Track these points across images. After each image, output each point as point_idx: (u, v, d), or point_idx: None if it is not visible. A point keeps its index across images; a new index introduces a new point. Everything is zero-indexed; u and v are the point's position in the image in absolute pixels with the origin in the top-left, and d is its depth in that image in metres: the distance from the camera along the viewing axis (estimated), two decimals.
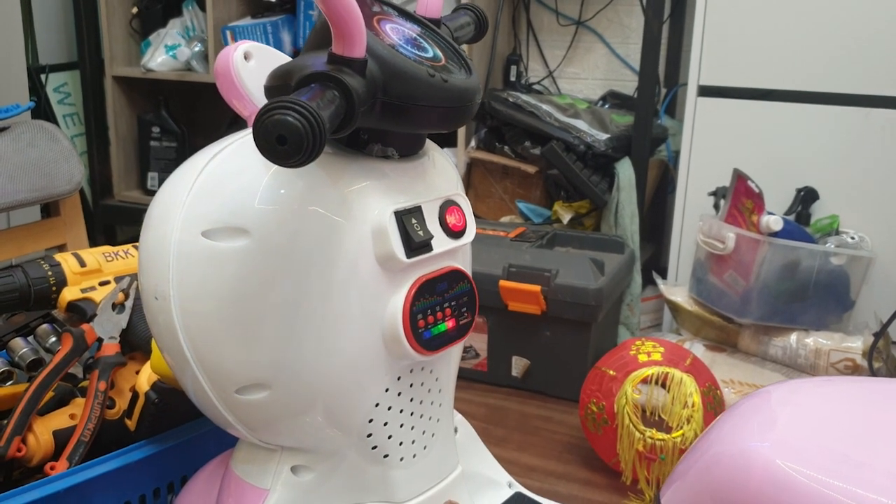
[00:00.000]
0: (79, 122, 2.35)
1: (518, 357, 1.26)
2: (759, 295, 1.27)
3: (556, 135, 1.70)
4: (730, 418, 0.48)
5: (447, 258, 0.59)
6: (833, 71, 1.49)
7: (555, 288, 1.20)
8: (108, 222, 2.37)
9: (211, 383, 0.55)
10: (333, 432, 0.57)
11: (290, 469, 0.59)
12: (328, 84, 0.45)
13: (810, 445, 0.43)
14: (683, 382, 0.93)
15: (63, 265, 0.79)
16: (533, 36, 2.15)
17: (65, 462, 0.70)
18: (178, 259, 0.53)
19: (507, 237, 1.40)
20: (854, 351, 1.21)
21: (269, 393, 0.54)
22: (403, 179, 0.56)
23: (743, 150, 1.55)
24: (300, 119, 0.40)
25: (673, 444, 0.91)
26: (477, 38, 0.68)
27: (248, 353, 0.53)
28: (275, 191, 0.52)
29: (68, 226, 1.41)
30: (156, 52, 2.16)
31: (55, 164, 1.36)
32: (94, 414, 0.72)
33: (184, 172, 0.56)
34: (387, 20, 0.56)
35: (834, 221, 1.46)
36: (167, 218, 0.54)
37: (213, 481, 0.66)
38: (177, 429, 0.73)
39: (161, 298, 0.54)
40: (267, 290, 0.52)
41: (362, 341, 0.55)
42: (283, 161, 0.41)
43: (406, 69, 0.50)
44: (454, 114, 0.53)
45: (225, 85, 0.55)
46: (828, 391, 0.50)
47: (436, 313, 0.57)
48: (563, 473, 1.02)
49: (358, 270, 0.53)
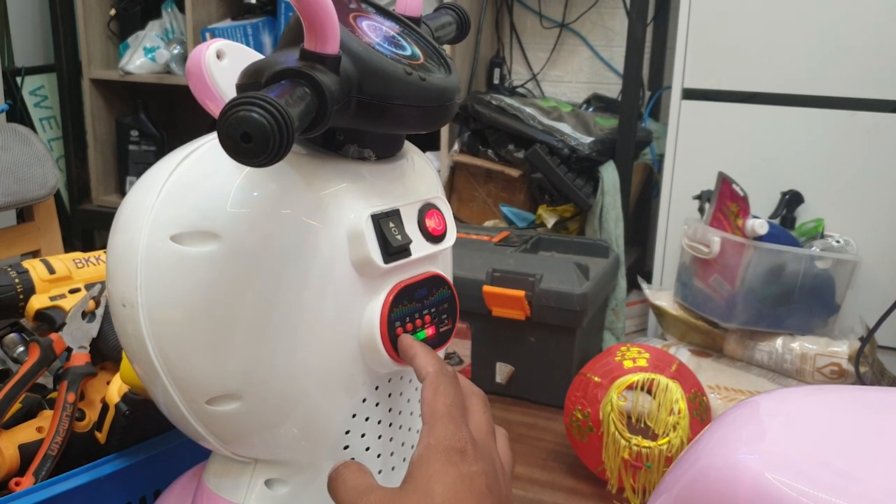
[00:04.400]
0: (56, 126, 2.32)
1: (502, 363, 1.25)
2: (745, 299, 1.26)
3: (539, 138, 1.69)
4: (717, 429, 0.46)
5: (427, 263, 0.57)
6: (818, 74, 1.49)
7: (539, 293, 1.19)
8: (85, 227, 2.34)
9: (181, 394, 0.53)
10: (309, 444, 0.55)
11: (264, 483, 0.57)
12: (299, 81, 0.43)
13: (801, 458, 0.42)
14: (669, 389, 0.92)
15: (31, 272, 0.77)
16: (516, 38, 2.14)
17: (31, 477, 0.67)
18: (147, 265, 0.51)
19: (491, 242, 1.38)
20: (840, 356, 1.21)
21: (242, 403, 0.52)
22: (381, 182, 0.54)
23: (728, 154, 1.54)
24: (266, 116, 0.38)
25: (659, 452, 0.89)
26: (459, 38, 0.66)
27: (218, 362, 0.51)
28: (247, 194, 0.50)
29: (42, 231, 1.39)
30: (134, 54, 2.13)
31: (29, 167, 1.33)
32: (62, 427, 0.70)
33: (153, 175, 0.54)
34: (364, 17, 0.54)
35: (819, 225, 1.46)
36: (135, 222, 0.52)
37: (185, 495, 0.64)
38: (149, 441, 0.71)
39: (129, 305, 0.52)
40: (238, 297, 0.50)
41: (338, 350, 0.53)
42: (247, 160, 0.39)
43: (382, 66, 0.48)
44: (433, 113, 0.51)
45: (197, 85, 0.53)
46: (818, 401, 0.49)
47: (415, 320, 0.55)
48: (548, 482, 1.00)
49: (333, 276, 0.52)
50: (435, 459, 0.46)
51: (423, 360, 0.51)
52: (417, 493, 0.45)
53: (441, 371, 0.50)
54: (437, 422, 0.47)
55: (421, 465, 0.46)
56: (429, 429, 0.48)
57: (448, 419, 0.48)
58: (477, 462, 0.47)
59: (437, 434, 0.47)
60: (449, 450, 0.46)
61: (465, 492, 0.45)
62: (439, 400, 0.48)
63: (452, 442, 0.47)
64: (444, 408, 0.48)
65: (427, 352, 0.52)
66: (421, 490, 0.45)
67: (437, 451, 0.46)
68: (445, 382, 0.49)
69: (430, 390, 0.49)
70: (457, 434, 0.47)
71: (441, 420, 0.48)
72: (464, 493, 0.45)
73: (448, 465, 0.46)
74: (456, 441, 0.47)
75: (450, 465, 0.46)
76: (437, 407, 0.48)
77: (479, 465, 0.47)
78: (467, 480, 0.45)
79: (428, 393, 0.49)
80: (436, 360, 0.51)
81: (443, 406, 0.48)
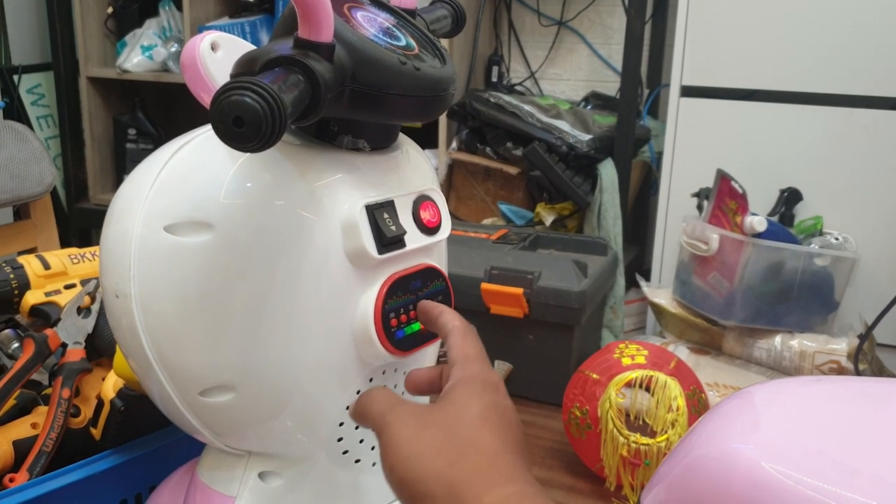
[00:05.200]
0: (53, 124, 2.32)
1: (500, 361, 1.24)
2: (744, 297, 1.26)
3: (538, 135, 1.68)
4: (712, 419, 0.46)
5: (421, 255, 0.56)
6: (816, 71, 1.48)
7: (537, 290, 1.18)
8: (83, 226, 2.33)
9: (174, 385, 0.53)
10: (303, 436, 0.55)
11: (257, 475, 0.56)
12: (292, 68, 0.43)
13: (796, 447, 0.42)
14: (668, 386, 0.91)
15: (26, 268, 0.77)
16: (514, 36, 2.14)
17: (25, 473, 0.67)
18: (140, 255, 0.51)
19: (489, 239, 1.37)
20: (839, 353, 1.20)
21: (235, 395, 0.52)
22: (375, 173, 0.54)
23: (726, 151, 1.54)
24: (258, 100, 0.38)
25: (658, 449, 0.89)
26: (454, 31, 0.66)
27: (212, 353, 0.51)
28: (240, 184, 0.50)
29: (39, 228, 1.38)
30: (131, 52, 2.13)
31: (25, 165, 1.33)
32: (56, 423, 0.69)
33: (147, 166, 0.54)
34: (359, 8, 0.54)
35: (818, 222, 1.45)
36: (129, 212, 0.52)
37: (179, 490, 0.63)
38: (144, 437, 0.71)
39: (122, 297, 0.52)
40: (231, 287, 0.50)
41: (332, 341, 0.53)
42: (239, 145, 0.39)
43: (376, 56, 0.48)
44: (427, 103, 0.51)
45: (192, 77, 0.53)
46: (813, 391, 0.48)
47: (409, 312, 0.55)
48: (547, 479, 1.00)
49: (327, 267, 0.51)
50: (472, 385, 0.48)
51: (449, 315, 0.54)
52: (454, 408, 0.47)
53: (467, 325, 0.53)
54: (471, 360, 0.50)
55: (458, 388, 0.48)
56: (462, 365, 0.50)
57: (480, 360, 0.50)
58: (507, 398, 0.49)
59: (472, 369, 0.49)
60: (484, 382, 0.49)
61: (497, 417, 0.47)
62: (469, 344, 0.51)
63: (486, 376, 0.49)
64: (474, 351, 0.51)
65: (452, 311, 0.54)
66: (458, 406, 0.47)
67: (473, 380, 0.48)
68: (472, 334, 0.52)
69: (459, 337, 0.51)
70: (491, 372, 0.50)
71: (475, 359, 0.50)
72: (496, 417, 0.47)
73: (483, 392, 0.48)
74: (490, 376, 0.49)
75: (485, 392, 0.48)
76: (468, 350, 0.51)
77: (509, 401, 0.49)
78: (500, 409, 0.47)
79: (457, 339, 0.51)
80: (461, 318, 0.54)
81: (473, 349, 0.51)
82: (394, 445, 0.46)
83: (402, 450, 0.45)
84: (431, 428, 0.45)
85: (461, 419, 0.46)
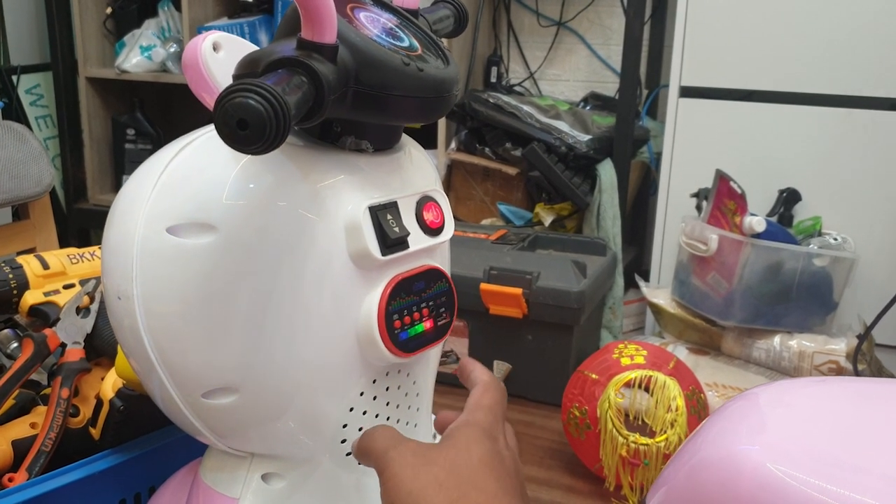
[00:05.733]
0: (52, 124, 2.31)
1: (499, 361, 1.24)
2: (743, 297, 1.26)
3: (537, 136, 1.68)
4: (718, 421, 0.46)
5: (424, 256, 0.56)
6: (815, 72, 1.49)
7: (536, 291, 1.18)
8: (82, 226, 2.33)
9: (177, 387, 0.53)
10: (306, 438, 0.55)
11: (260, 477, 0.56)
12: (296, 69, 0.43)
13: (802, 448, 0.42)
14: (667, 386, 0.92)
15: (25, 268, 0.76)
16: (514, 37, 2.14)
17: (24, 473, 0.67)
18: (142, 256, 0.51)
19: (488, 240, 1.37)
20: (838, 353, 1.20)
21: (238, 397, 0.52)
22: (378, 174, 0.54)
23: (725, 151, 1.54)
24: (263, 103, 0.38)
25: (657, 449, 0.89)
26: (457, 31, 0.66)
27: (214, 354, 0.51)
28: (243, 185, 0.50)
29: (38, 229, 1.38)
30: (130, 52, 2.12)
31: (24, 165, 1.33)
32: (55, 422, 0.69)
33: (149, 167, 0.54)
34: (361, 9, 0.54)
35: (816, 223, 1.45)
36: (131, 213, 0.52)
37: (182, 491, 0.63)
38: (144, 437, 0.70)
39: (124, 298, 0.52)
40: (234, 289, 0.50)
41: (335, 342, 0.52)
42: (243, 147, 0.39)
43: (379, 57, 0.48)
44: (430, 104, 0.51)
45: (194, 78, 0.53)
46: (818, 391, 0.48)
47: (413, 313, 0.54)
48: (546, 480, 1.00)
49: (330, 268, 0.51)
50: (475, 430, 0.49)
51: (480, 372, 0.55)
52: (456, 449, 0.47)
53: (495, 381, 0.54)
54: (479, 409, 0.51)
55: (461, 430, 0.49)
56: (470, 412, 0.51)
57: (489, 411, 0.51)
58: (508, 449, 0.50)
59: (478, 417, 0.50)
60: (486, 430, 0.49)
61: (498, 463, 0.47)
62: (486, 397, 0.52)
63: (489, 427, 0.50)
64: (488, 403, 0.51)
65: (484, 368, 0.56)
66: (460, 448, 0.47)
67: (476, 426, 0.49)
68: (496, 389, 0.53)
69: (481, 389, 0.53)
70: (495, 424, 0.50)
71: (483, 409, 0.51)
72: (497, 464, 0.47)
73: (485, 439, 0.48)
74: (493, 428, 0.50)
75: (486, 439, 0.48)
76: (483, 401, 0.51)
77: (510, 452, 0.50)
78: (500, 457, 0.48)
79: (478, 390, 0.53)
80: (491, 375, 0.55)
81: (487, 402, 0.51)
82: (395, 482, 0.46)
83: (404, 486, 0.45)
84: (433, 466, 0.46)
85: (463, 460, 0.46)
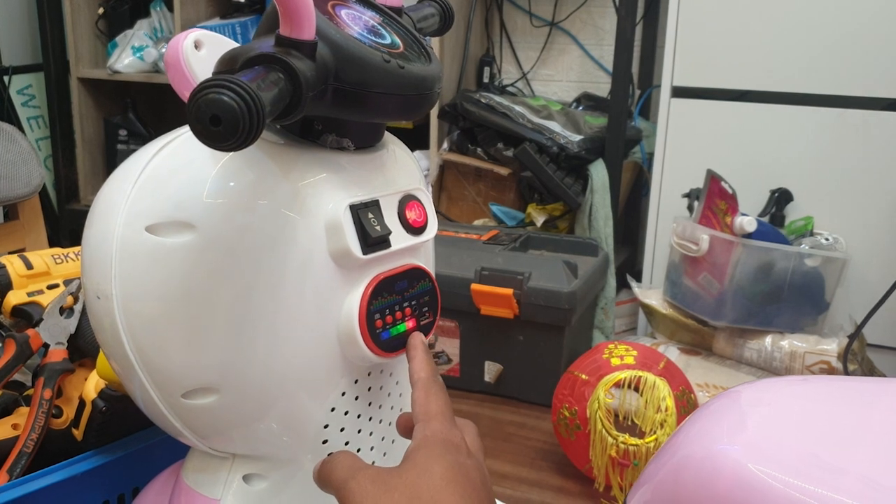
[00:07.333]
0: (44, 125, 2.31)
1: (491, 362, 1.24)
2: (734, 297, 1.26)
3: (528, 136, 1.68)
4: (698, 419, 0.46)
5: (407, 255, 0.56)
6: (807, 72, 1.48)
7: (528, 291, 1.18)
8: (73, 227, 2.32)
9: (157, 387, 0.52)
10: (288, 439, 0.55)
11: (241, 478, 0.56)
12: (273, 66, 0.42)
13: (783, 448, 0.41)
14: (657, 386, 0.91)
15: (8, 267, 0.76)
16: (506, 37, 2.14)
17: (5, 475, 0.66)
18: (121, 255, 0.50)
19: (480, 240, 1.37)
20: (829, 353, 1.20)
21: (218, 397, 0.51)
22: (360, 172, 0.54)
23: (717, 152, 1.54)
24: (235, 99, 0.37)
25: (646, 450, 0.89)
26: (442, 30, 0.65)
27: (194, 354, 0.50)
28: (223, 184, 0.50)
29: (27, 229, 1.38)
30: (122, 53, 2.12)
31: (13, 165, 1.32)
32: (37, 423, 0.68)
33: (129, 166, 0.54)
34: (343, 6, 0.54)
35: (808, 223, 1.45)
36: (110, 212, 0.51)
37: (165, 492, 0.63)
38: (127, 438, 0.70)
39: (103, 298, 0.51)
40: (214, 288, 0.49)
41: (316, 342, 0.52)
42: (216, 143, 0.39)
43: (359, 54, 0.47)
44: (412, 102, 0.51)
45: (175, 76, 0.53)
46: (801, 391, 0.48)
47: (395, 313, 0.54)
48: (536, 481, 0.99)
49: (311, 268, 0.51)
50: (434, 446, 0.48)
51: (418, 364, 0.53)
52: (416, 471, 0.46)
53: (433, 378, 0.52)
54: (432, 419, 0.50)
55: (419, 450, 0.48)
56: (424, 425, 0.49)
57: (442, 418, 0.50)
58: (470, 457, 0.49)
59: (434, 428, 0.49)
60: (446, 441, 0.48)
61: (462, 477, 0.46)
62: (432, 401, 0.51)
63: (448, 436, 0.49)
64: (437, 408, 0.50)
65: (426, 358, 0.54)
66: (420, 469, 0.46)
67: (434, 441, 0.48)
68: (436, 388, 0.52)
69: (422, 392, 0.51)
70: (452, 430, 0.49)
71: (436, 417, 0.50)
72: (461, 478, 0.46)
73: (446, 453, 0.47)
74: (451, 436, 0.49)
75: (447, 453, 0.47)
76: (431, 407, 0.50)
77: (473, 460, 0.49)
78: (464, 469, 0.47)
79: (420, 395, 0.51)
80: (430, 368, 0.53)
81: (436, 406, 0.50)
82: None
83: None
84: (394, 493, 0.45)
85: (424, 481, 0.45)
